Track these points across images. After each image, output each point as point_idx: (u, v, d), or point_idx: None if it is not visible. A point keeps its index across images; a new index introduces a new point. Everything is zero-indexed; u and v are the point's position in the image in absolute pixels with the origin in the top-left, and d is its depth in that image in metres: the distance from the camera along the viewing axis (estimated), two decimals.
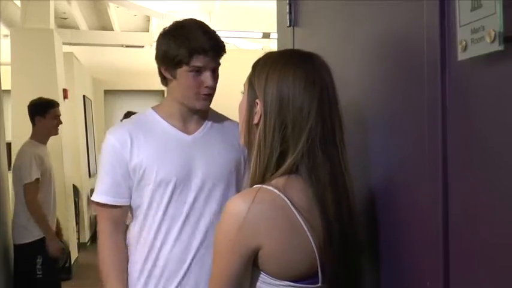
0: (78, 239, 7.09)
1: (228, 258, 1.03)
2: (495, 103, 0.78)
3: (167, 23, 1.80)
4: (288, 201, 1.01)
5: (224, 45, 1.74)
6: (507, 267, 0.75)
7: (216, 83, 1.75)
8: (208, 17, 7.18)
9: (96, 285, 6.26)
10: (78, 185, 7.30)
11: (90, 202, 8.22)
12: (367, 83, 1.24)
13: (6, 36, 6.24)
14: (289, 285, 1.03)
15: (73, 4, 6.76)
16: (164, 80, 1.78)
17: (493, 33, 0.72)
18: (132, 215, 1.79)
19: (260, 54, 1.17)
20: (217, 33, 1.74)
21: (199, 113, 1.78)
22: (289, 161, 1.04)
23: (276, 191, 1.02)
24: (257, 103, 1.09)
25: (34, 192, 3.69)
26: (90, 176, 8.36)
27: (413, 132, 1.02)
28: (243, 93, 1.17)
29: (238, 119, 1.19)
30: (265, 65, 1.11)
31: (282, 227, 1.01)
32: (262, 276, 1.04)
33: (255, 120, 1.10)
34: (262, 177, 1.06)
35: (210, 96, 1.73)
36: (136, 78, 10.04)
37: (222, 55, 1.74)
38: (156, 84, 1.85)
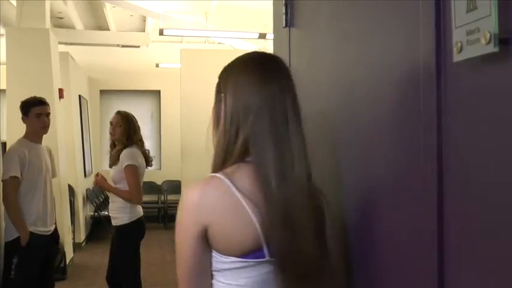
0: (73, 239, 7.06)
1: (185, 239, 1.17)
2: (490, 104, 0.78)
3: (163, 23, 1.79)
4: (231, 186, 1.15)
5: None
6: (502, 270, 0.75)
7: None
8: (205, 17, 7.18)
9: (91, 286, 6.21)
10: (73, 185, 7.28)
11: (85, 202, 8.21)
12: (362, 83, 1.24)
13: (1, 35, 6.21)
14: (237, 261, 1.15)
15: (69, 4, 6.74)
16: None
17: (488, 35, 0.72)
18: None
19: None
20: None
21: None
22: (237, 148, 1.19)
23: (222, 176, 1.17)
24: (221, 100, 1.25)
25: (8, 189, 3.67)
26: (85, 175, 8.34)
27: (408, 132, 1.02)
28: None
29: None
30: (227, 69, 1.28)
31: (225, 208, 1.15)
32: (213, 255, 1.17)
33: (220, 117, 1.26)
34: (221, 166, 1.21)
35: None
36: (132, 78, 10.04)
37: None
38: (152, 84, 1.84)
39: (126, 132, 4.10)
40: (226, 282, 1.17)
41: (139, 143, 4.15)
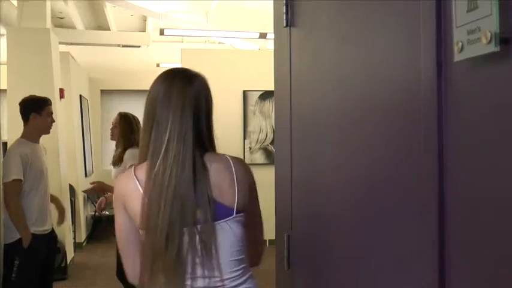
0: (74, 238, 7.07)
1: (116, 215, 1.59)
2: (491, 104, 0.78)
3: (164, 23, 1.80)
4: (134, 177, 1.56)
5: None
6: (503, 267, 0.75)
7: None
8: (205, 17, 7.19)
9: (91, 285, 6.20)
10: (74, 185, 7.28)
11: (86, 202, 8.21)
12: (362, 83, 1.24)
13: (2, 35, 6.22)
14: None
15: (70, 4, 6.75)
16: None
17: (489, 35, 0.72)
18: None
19: (257, 54, 1.19)
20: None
21: None
22: (144, 151, 1.58)
23: (132, 170, 1.58)
24: None
25: (10, 192, 3.60)
26: (86, 175, 8.34)
27: (409, 133, 1.02)
28: None
29: None
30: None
31: (129, 192, 1.56)
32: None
33: None
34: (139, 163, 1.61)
35: None
36: (132, 78, 10.04)
37: None
38: None
39: (122, 133, 4.12)
40: None
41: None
